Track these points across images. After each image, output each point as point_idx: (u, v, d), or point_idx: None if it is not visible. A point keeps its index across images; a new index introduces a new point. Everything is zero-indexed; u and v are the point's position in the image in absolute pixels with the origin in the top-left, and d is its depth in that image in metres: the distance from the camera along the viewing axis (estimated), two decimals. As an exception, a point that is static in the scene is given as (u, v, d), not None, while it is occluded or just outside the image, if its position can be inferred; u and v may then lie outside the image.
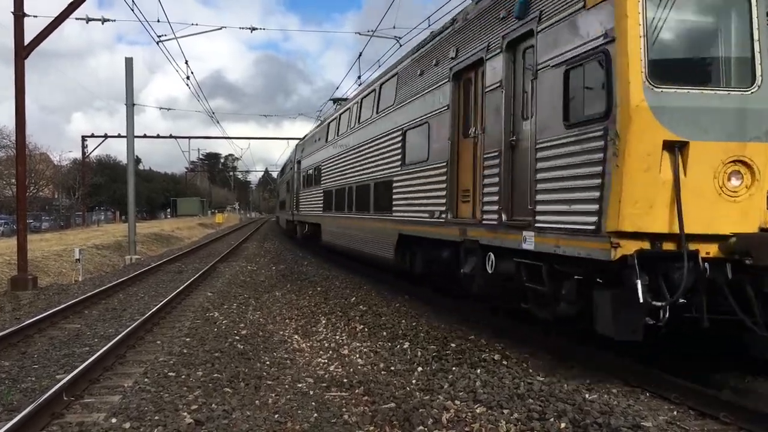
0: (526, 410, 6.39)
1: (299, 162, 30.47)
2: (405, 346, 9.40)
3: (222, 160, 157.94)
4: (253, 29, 25.26)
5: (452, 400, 6.82)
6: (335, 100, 27.80)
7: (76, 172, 68.46)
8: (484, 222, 9.21)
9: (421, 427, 6.08)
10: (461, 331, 10.10)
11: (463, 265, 9.88)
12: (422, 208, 11.68)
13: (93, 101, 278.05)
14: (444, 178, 10.73)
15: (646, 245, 6.28)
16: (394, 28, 22.61)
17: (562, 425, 5.96)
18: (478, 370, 7.91)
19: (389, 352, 9.22)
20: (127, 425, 6.17)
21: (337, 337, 10.49)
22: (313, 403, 6.88)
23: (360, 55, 25.15)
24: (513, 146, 8.60)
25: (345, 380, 7.80)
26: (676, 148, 6.23)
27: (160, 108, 77.00)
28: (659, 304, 6.19)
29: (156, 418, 6.33)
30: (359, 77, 25.09)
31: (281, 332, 11.02)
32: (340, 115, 20.82)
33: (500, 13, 8.91)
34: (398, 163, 13.30)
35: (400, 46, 21.83)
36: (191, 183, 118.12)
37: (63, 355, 9.31)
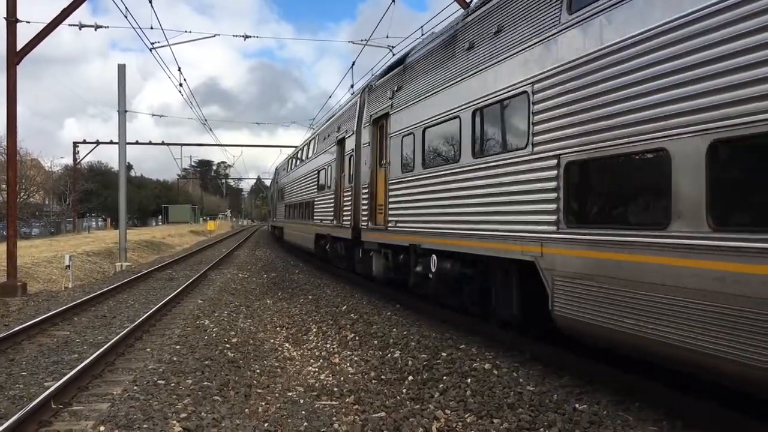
0: (516, 420, 6.40)
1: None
2: (396, 355, 9.39)
3: (214, 168, 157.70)
4: (246, 37, 25.36)
5: (443, 410, 6.82)
6: None
7: (67, 179, 68.17)
8: None
9: (411, 437, 6.07)
10: (452, 341, 10.10)
11: None
12: None
13: (86, 107, 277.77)
14: None
15: None
16: (387, 37, 22.71)
17: (552, 435, 5.96)
18: (469, 380, 7.91)
19: (380, 361, 9.22)
20: (115, 433, 6.13)
21: (328, 346, 10.48)
22: (303, 412, 6.86)
23: (353, 64, 25.21)
24: None
25: (335, 389, 7.80)
26: None
27: (153, 114, 76.98)
28: None
29: (145, 426, 6.30)
30: (352, 86, 25.15)
31: (272, 340, 11.00)
32: None
33: None
34: None
35: (393, 55, 21.91)
36: (183, 190, 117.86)
37: (51, 362, 9.25)
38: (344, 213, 16.88)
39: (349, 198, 16.27)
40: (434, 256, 10.86)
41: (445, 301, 11.34)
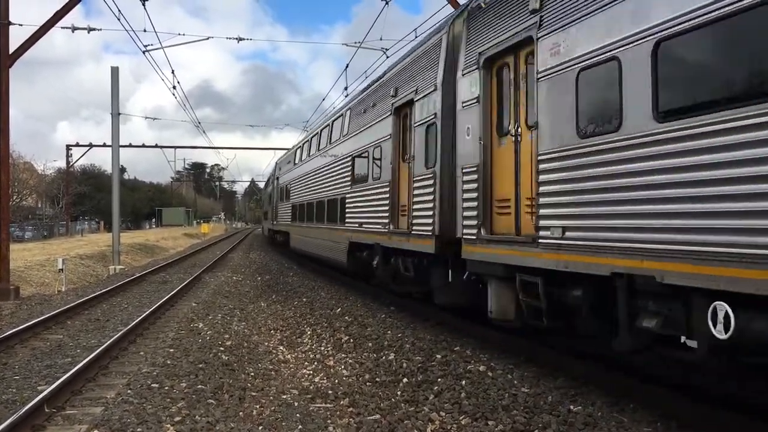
0: (511, 422, 6.40)
1: None
2: (390, 358, 9.39)
3: (208, 170, 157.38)
4: (240, 39, 25.27)
5: (437, 412, 6.82)
6: None
7: (60, 182, 67.94)
8: None
9: (405, 439, 6.07)
10: (446, 343, 10.10)
11: None
12: None
13: (80, 110, 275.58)
14: None
15: None
16: (381, 39, 22.67)
17: (547, 437, 5.97)
18: (463, 382, 7.91)
19: (374, 363, 9.20)
20: (109, 437, 6.11)
21: (323, 348, 10.46)
22: (298, 415, 6.85)
23: (347, 67, 25.17)
24: None
25: (330, 392, 7.78)
26: None
27: (146, 117, 76.71)
28: None
29: (139, 430, 6.28)
30: (346, 88, 25.13)
31: (266, 343, 10.98)
32: None
33: None
34: None
35: (387, 57, 21.95)
36: (177, 193, 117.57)
37: (45, 366, 9.21)
38: (415, 213, 11.17)
39: (429, 191, 10.57)
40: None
41: None
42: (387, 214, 12.83)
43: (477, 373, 8.27)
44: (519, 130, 8.16)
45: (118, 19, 20.20)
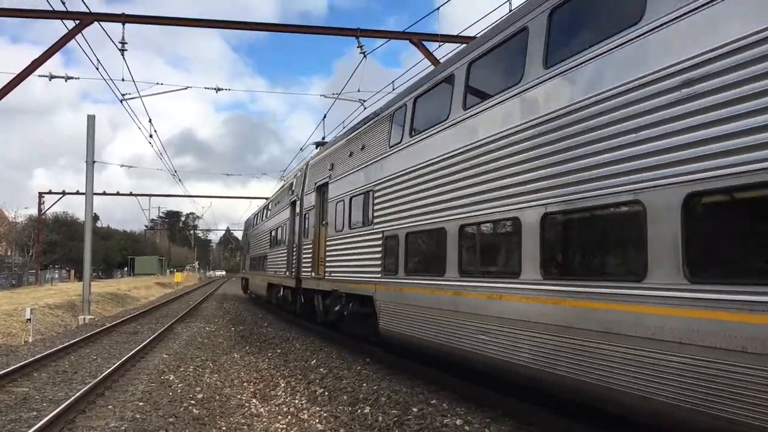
0: (488, 477, 6.30)
1: None
2: (366, 411, 9.24)
3: (183, 219, 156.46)
4: (218, 89, 25.47)
5: (413, 468, 6.69)
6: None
7: (31, 229, 66.96)
8: None
9: (381, 496, 5.93)
10: (423, 395, 9.98)
11: None
12: None
13: (57, 158, 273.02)
14: None
15: None
16: (358, 91, 22.97)
17: (525, 493, 5.88)
18: (440, 436, 7.79)
19: (350, 417, 9.05)
20: (73, 496, 5.89)
21: (297, 401, 10.28)
22: (271, 472, 6.68)
23: (324, 117, 25.49)
24: None
25: (304, 447, 7.62)
26: None
27: (122, 165, 76.65)
28: None
29: (105, 488, 6.07)
30: (323, 138, 25.37)
31: (239, 396, 10.76)
32: None
33: None
34: None
35: (365, 108, 22.25)
36: (150, 241, 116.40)
37: (9, 420, 8.92)
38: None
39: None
40: None
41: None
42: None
43: (454, 427, 8.16)
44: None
45: (97, 69, 20.37)
